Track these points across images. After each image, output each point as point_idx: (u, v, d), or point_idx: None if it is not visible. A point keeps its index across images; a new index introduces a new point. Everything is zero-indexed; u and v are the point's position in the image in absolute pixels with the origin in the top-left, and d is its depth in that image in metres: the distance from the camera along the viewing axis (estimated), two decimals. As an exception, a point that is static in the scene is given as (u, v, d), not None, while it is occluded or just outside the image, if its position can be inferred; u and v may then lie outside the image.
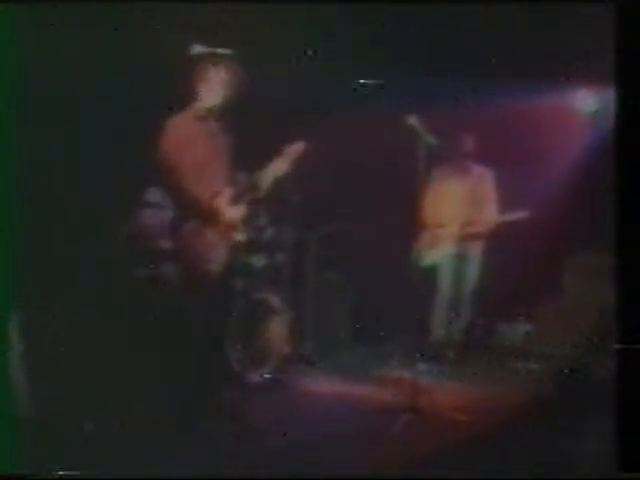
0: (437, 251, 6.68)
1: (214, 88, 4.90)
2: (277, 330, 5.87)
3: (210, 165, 4.89)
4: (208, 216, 4.81)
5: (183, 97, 4.92)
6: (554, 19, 5.80)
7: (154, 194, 5.60)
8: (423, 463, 4.59)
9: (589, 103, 7.08)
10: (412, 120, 5.35)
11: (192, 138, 4.84)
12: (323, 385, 5.91)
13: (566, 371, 5.60)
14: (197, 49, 4.91)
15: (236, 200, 4.92)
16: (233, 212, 4.90)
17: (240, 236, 4.99)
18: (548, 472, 4.25)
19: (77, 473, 3.81)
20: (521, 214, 6.49)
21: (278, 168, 5.00)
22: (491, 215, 6.80)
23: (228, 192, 4.89)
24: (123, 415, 4.77)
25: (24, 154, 4.85)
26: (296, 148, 5.00)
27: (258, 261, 5.86)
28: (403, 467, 4.50)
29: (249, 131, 5.18)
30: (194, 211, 4.81)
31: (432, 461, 4.62)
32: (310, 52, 5.99)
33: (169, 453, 4.42)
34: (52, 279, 5.06)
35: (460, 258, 6.73)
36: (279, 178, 5.05)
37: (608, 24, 4.16)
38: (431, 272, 6.72)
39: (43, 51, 4.93)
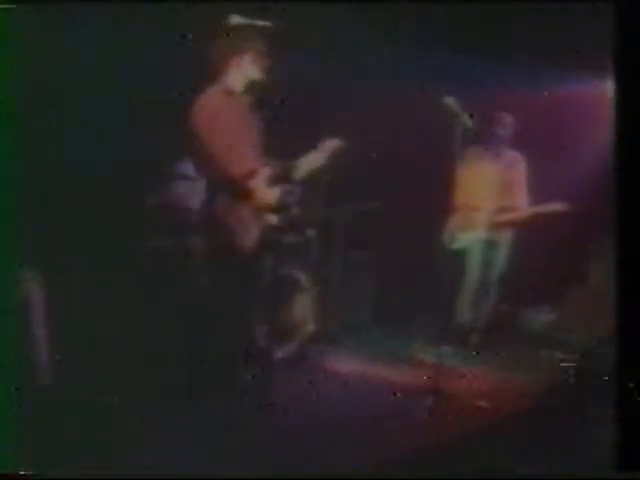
0: (467, 235, 6.63)
1: (250, 62, 4.85)
2: (302, 307, 5.86)
3: (243, 141, 4.85)
4: (241, 193, 4.78)
5: (217, 69, 4.87)
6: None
7: (186, 166, 5.60)
8: (443, 447, 4.56)
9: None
10: (449, 101, 5.30)
11: (225, 111, 4.80)
12: (346, 365, 5.91)
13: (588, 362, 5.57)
14: (235, 20, 4.85)
15: (271, 182, 4.88)
16: (268, 193, 4.86)
17: (271, 213, 4.97)
18: (549, 470, 4.23)
19: (77, 473, 3.78)
20: (556, 206, 6.42)
21: (315, 160, 4.97)
22: (522, 202, 6.75)
23: (264, 172, 4.84)
24: (143, 388, 4.78)
25: (55, 123, 4.85)
26: (335, 144, 4.97)
27: (287, 238, 5.83)
28: (423, 451, 4.47)
29: (283, 108, 5.15)
30: (227, 186, 4.78)
31: (452, 446, 4.59)
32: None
33: (189, 427, 4.43)
34: (77, 248, 5.05)
35: (490, 244, 6.68)
36: (315, 169, 5.03)
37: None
38: (459, 256, 6.68)
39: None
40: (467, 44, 6.27)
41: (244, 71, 4.84)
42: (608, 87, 6.99)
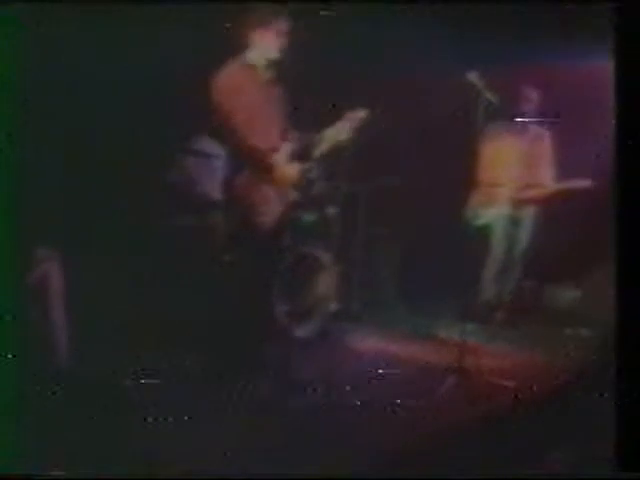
0: (491, 211, 6.60)
1: (271, 39, 4.81)
2: (324, 285, 5.84)
3: (264, 117, 4.83)
4: (264, 168, 4.75)
5: (237, 45, 4.84)
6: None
7: (205, 144, 5.57)
8: (466, 427, 4.53)
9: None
10: (472, 76, 5.24)
11: (246, 86, 4.77)
12: (369, 343, 5.88)
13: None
14: None
15: (293, 157, 4.85)
16: (290, 168, 4.83)
17: (292, 190, 4.94)
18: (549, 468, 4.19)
19: (76, 473, 3.78)
20: (581, 183, 6.36)
21: (339, 133, 4.94)
22: (547, 178, 6.69)
23: (286, 148, 4.81)
24: (165, 368, 4.78)
25: (73, 100, 4.83)
26: (360, 115, 4.93)
27: (308, 215, 5.80)
28: (446, 430, 4.44)
29: (305, 87, 5.11)
30: (249, 162, 4.75)
31: (475, 425, 4.56)
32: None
33: (211, 406, 4.41)
34: (96, 227, 5.05)
35: (514, 220, 6.64)
36: (339, 142, 5.00)
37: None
38: (483, 232, 6.65)
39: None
40: (487, 18, 6.19)
41: (265, 45, 4.81)
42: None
